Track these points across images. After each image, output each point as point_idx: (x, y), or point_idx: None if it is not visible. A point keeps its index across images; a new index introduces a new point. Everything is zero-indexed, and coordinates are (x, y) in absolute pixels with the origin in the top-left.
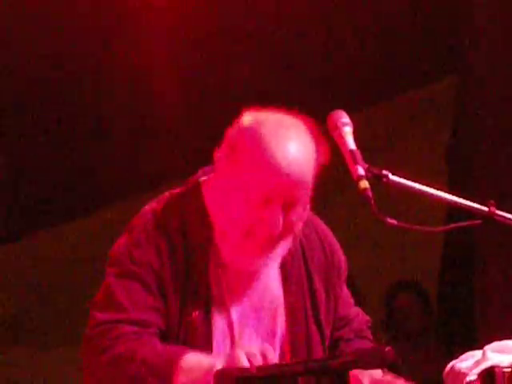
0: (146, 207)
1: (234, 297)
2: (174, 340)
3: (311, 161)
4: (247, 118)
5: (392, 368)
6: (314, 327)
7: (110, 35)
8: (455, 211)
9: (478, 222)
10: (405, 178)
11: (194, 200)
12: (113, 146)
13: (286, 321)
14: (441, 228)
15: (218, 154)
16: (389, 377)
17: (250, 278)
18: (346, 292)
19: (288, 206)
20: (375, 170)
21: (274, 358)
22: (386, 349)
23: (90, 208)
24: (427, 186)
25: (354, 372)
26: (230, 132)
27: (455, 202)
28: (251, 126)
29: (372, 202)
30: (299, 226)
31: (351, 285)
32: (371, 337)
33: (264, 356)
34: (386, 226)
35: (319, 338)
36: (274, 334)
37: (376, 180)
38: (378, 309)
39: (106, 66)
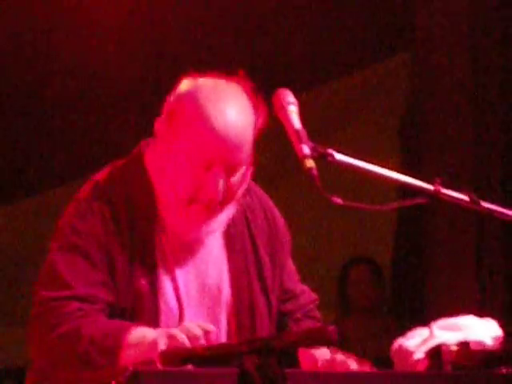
0: (90, 180)
1: (179, 264)
2: (123, 310)
3: (250, 124)
4: (184, 84)
5: (344, 343)
6: (259, 294)
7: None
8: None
9: (424, 200)
10: (357, 157)
11: (137, 170)
12: (62, 126)
13: (231, 287)
14: (386, 206)
15: (158, 123)
16: (341, 355)
17: (194, 245)
18: (291, 265)
19: (229, 170)
20: (320, 149)
21: (216, 338)
22: (330, 328)
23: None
24: (379, 164)
25: (309, 351)
26: (169, 100)
27: (401, 181)
28: (188, 91)
29: (317, 180)
30: (241, 192)
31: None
32: (319, 316)
33: (207, 335)
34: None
35: (265, 306)
36: (219, 301)
37: (321, 159)
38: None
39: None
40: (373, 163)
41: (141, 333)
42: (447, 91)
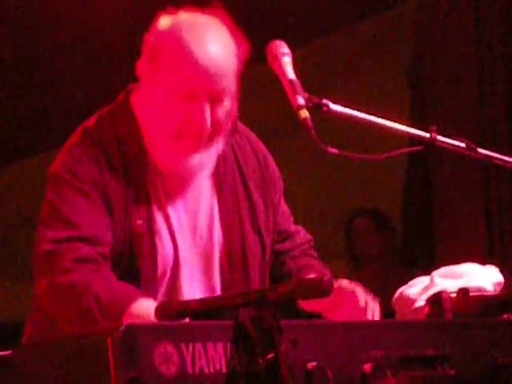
0: (80, 126)
1: (172, 205)
2: (121, 252)
3: (231, 54)
4: (164, 21)
5: None
6: (252, 234)
7: None
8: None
9: (420, 148)
10: (366, 107)
11: (125, 113)
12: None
13: (221, 226)
14: (382, 156)
15: (139, 64)
16: (346, 283)
17: (185, 184)
18: (285, 207)
19: (213, 101)
20: (315, 99)
21: (210, 277)
22: (324, 279)
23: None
24: (387, 115)
25: None
26: (148, 38)
27: (398, 130)
28: (169, 28)
29: (312, 131)
30: (229, 126)
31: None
32: (316, 254)
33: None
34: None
35: (259, 246)
36: (211, 241)
37: (316, 109)
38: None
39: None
40: (376, 114)
41: (145, 306)
42: (452, 40)
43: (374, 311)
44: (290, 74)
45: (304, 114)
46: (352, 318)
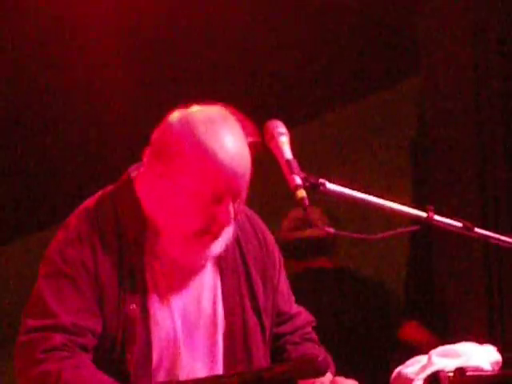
0: (81, 205)
1: (173, 289)
2: (114, 338)
3: (247, 150)
4: (175, 116)
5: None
6: (252, 317)
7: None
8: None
9: (416, 227)
10: (367, 187)
11: (127, 195)
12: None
13: (224, 309)
14: (379, 236)
15: (147, 155)
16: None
17: (187, 270)
18: (285, 287)
19: (236, 198)
20: (312, 179)
21: (213, 359)
22: (319, 358)
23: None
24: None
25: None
26: (159, 133)
27: (395, 209)
28: (183, 128)
29: (308, 211)
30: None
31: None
32: (316, 338)
33: None
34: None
35: (259, 328)
36: (215, 323)
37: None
38: None
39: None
40: (379, 195)
41: None
42: (453, 116)
43: None
44: (287, 153)
45: (301, 193)
46: None
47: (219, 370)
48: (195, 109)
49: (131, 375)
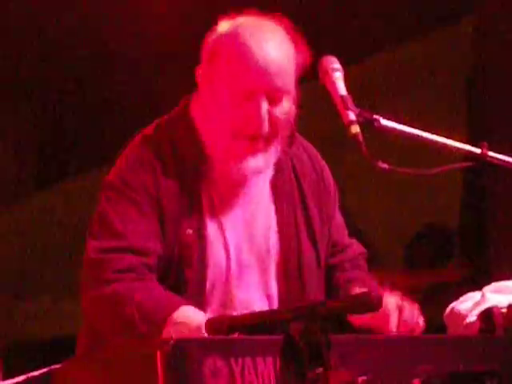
0: (138, 134)
1: (227, 214)
2: (170, 260)
3: (290, 58)
4: (224, 24)
5: None
6: (307, 244)
7: None
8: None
9: (471, 163)
10: (421, 124)
11: (183, 121)
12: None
13: (278, 236)
14: (433, 170)
15: (198, 69)
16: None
17: (240, 190)
18: (340, 218)
19: (271, 101)
20: (366, 114)
21: (265, 286)
22: (372, 293)
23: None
24: (444, 131)
25: None
26: (208, 40)
27: (449, 145)
28: (229, 30)
29: (363, 146)
30: (285, 129)
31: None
32: (366, 267)
33: None
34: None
35: (314, 256)
36: (267, 250)
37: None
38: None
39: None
40: (431, 129)
41: (187, 313)
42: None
43: (414, 329)
44: (341, 89)
45: (355, 129)
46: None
47: (273, 295)
48: (245, 17)
49: (188, 300)
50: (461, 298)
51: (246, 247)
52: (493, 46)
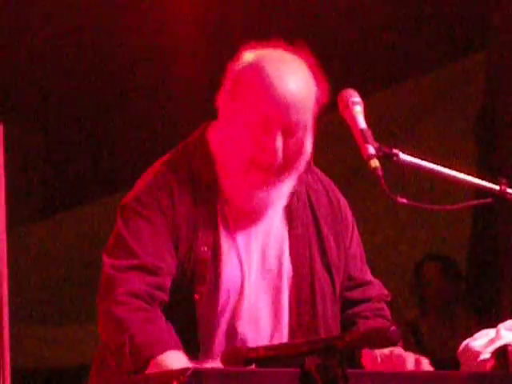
0: (158, 160)
1: (241, 234)
2: (183, 277)
3: (310, 92)
4: (248, 54)
5: (421, 343)
6: (322, 271)
7: None
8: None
9: (489, 200)
10: (430, 158)
11: (200, 146)
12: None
13: (291, 260)
14: (451, 206)
15: (219, 96)
16: (399, 349)
17: (255, 216)
18: (359, 252)
19: (287, 134)
20: (385, 149)
21: (277, 311)
22: (391, 329)
23: (115, 186)
24: (453, 164)
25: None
26: (231, 69)
27: (466, 181)
28: (253, 61)
29: (382, 181)
30: (299, 162)
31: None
32: (389, 315)
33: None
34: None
35: (329, 284)
36: (280, 274)
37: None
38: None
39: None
40: (444, 164)
41: (170, 359)
42: None
43: None
44: (362, 123)
45: (374, 163)
46: None
47: (283, 319)
48: (268, 48)
49: (197, 318)
50: (475, 335)
51: (259, 270)
52: (504, 80)
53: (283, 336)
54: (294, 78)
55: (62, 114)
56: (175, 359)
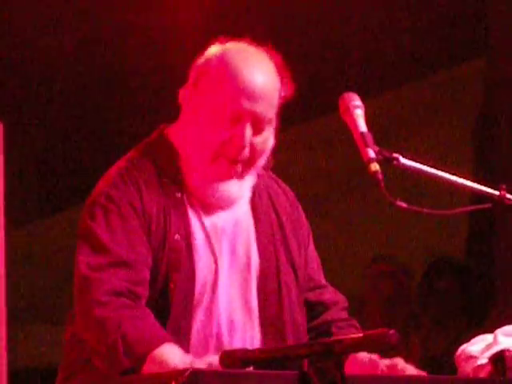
0: (119, 160)
1: (211, 224)
2: (157, 269)
3: (275, 86)
4: (213, 48)
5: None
6: (286, 266)
7: None
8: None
9: (488, 205)
10: (429, 162)
11: (162, 143)
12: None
13: (259, 255)
14: (450, 211)
15: (183, 90)
16: (401, 361)
17: (221, 209)
18: (315, 256)
19: (254, 129)
20: (386, 153)
21: (246, 304)
22: (390, 332)
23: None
24: (450, 169)
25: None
26: (196, 64)
27: (466, 186)
28: (218, 53)
29: (382, 184)
30: (262, 159)
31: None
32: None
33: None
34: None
35: (292, 277)
36: (248, 268)
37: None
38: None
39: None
40: (442, 168)
41: (167, 353)
42: None
43: None
44: (362, 126)
45: (374, 167)
46: None
47: (253, 313)
48: (234, 43)
49: (172, 307)
50: (472, 340)
51: (228, 259)
52: (503, 86)
53: (254, 328)
54: (260, 70)
55: (64, 114)
56: (171, 353)
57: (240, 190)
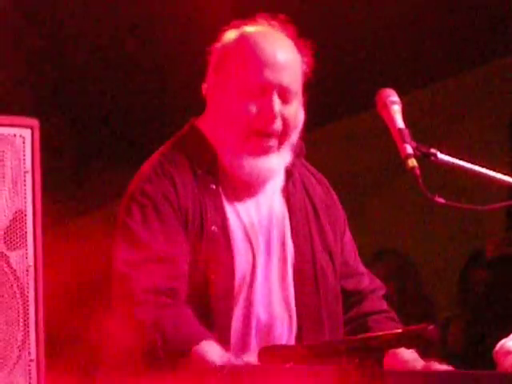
0: (151, 156)
1: (246, 215)
2: (196, 262)
3: (296, 58)
4: (230, 32)
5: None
6: (322, 253)
7: None
8: None
9: None
10: (466, 157)
11: (193, 134)
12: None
13: (293, 242)
14: (490, 206)
15: (205, 81)
16: (436, 363)
17: (256, 193)
18: (351, 239)
19: (282, 99)
20: (424, 149)
21: (284, 292)
22: (429, 328)
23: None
24: (488, 163)
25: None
26: (214, 49)
27: (504, 181)
28: (237, 36)
29: (420, 180)
30: (296, 131)
31: None
32: (395, 317)
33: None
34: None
35: (330, 268)
36: (284, 256)
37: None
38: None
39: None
40: (480, 163)
41: (206, 350)
42: None
43: None
44: (400, 122)
45: (412, 163)
46: None
47: (290, 298)
48: (250, 26)
49: (211, 301)
50: (511, 335)
51: (265, 251)
52: None
53: (292, 320)
54: (280, 44)
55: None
56: (210, 350)
57: (276, 164)
